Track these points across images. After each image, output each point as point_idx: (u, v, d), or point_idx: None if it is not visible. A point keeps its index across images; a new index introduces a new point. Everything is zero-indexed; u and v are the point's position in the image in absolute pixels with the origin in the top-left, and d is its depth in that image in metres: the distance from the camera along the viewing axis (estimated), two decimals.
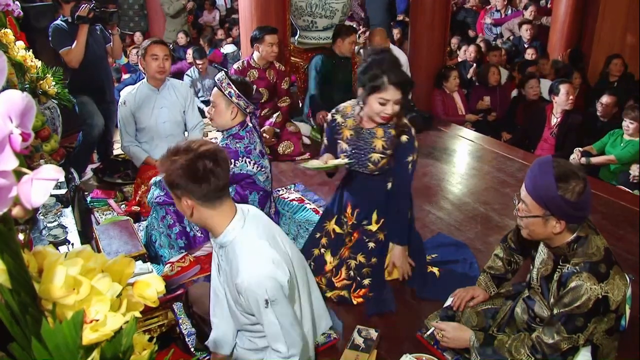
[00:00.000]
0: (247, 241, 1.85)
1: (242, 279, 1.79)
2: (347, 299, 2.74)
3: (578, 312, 1.81)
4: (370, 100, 2.49)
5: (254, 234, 1.88)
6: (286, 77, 4.84)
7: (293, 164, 4.63)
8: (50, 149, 2.81)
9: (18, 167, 0.60)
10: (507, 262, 2.38)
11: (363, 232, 2.78)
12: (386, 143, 2.61)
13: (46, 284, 0.75)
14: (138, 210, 3.61)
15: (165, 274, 2.81)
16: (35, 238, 2.27)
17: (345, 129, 2.69)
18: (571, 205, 1.80)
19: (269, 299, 1.79)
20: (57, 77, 3.05)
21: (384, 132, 2.62)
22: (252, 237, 1.87)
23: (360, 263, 2.75)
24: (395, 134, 2.61)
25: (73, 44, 3.90)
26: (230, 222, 1.86)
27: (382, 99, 2.45)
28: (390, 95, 2.44)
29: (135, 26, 8.94)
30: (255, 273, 1.79)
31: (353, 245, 2.79)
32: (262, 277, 1.78)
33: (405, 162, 2.64)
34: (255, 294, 1.79)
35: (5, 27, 2.76)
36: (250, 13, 5.01)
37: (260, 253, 1.84)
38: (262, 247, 1.85)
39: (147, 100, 3.64)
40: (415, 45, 5.98)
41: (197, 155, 1.76)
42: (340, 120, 2.71)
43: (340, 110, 2.74)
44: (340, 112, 2.73)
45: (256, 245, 1.85)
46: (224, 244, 1.89)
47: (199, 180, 1.75)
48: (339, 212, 2.86)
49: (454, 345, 2.22)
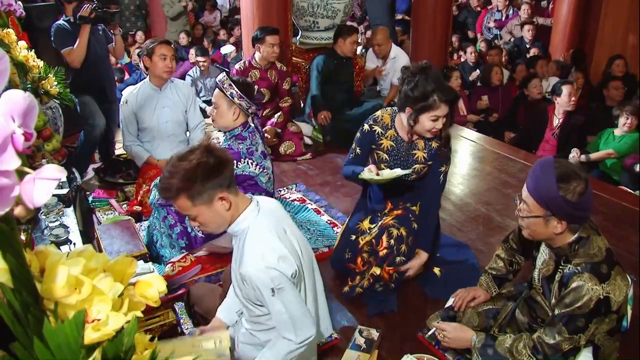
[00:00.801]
0: (257, 231, 1.87)
1: (246, 269, 1.81)
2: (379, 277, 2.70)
3: (579, 313, 1.81)
4: (421, 119, 2.49)
5: (265, 225, 1.89)
6: (288, 77, 4.84)
7: (294, 164, 4.63)
8: (52, 149, 2.82)
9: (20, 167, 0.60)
10: (509, 263, 2.38)
11: (407, 209, 2.78)
12: (427, 154, 2.65)
13: (48, 284, 0.76)
14: (140, 210, 3.61)
15: (167, 274, 2.81)
16: (36, 238, 2.28)
17: (385, 140, 2.68)
18: (572, 206, 1.80)
19: (275, 288, 1.80)
20: (59, 77, 3.06)
21: (424, 144, 2.64)
22: (263, 228, 1.88)
23: (400, 235, 2.70)
24: (437, 145, 2.64)
25: (75, 44, 3.90)
26: (244, 211, 1.89)
27: (435, 116, 2.47)
28: (442, 111, 2.47)
29: (132, 26, 8.93)
30: (259, 264, 1.80)
31: (397, 217, 2.75)
32: (265, 268, 1.79)
33: (439, 171, 2.69)
34: (259, 284, 1.80)
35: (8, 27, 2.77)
36: (252, 13, 5.01)
37: (267, 245, 1.84)
38: (270, 239, 1.86)
39: (149, 99, 3.64)
40: (417, 45, 5.99)
41: (202, 152, 1.79)
42: (380, 131, 2.68)
43: (379, 121, 2.70)
44: (378, 124, 2.70)
45: (265, 237, 1.86)
46: (236, 233, 1.91)
47: (220, 169, 1.79)
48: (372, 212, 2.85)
49: (455, 345, 2.22)
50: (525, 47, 7.44)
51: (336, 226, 3.50)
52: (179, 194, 1.77)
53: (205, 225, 1.88)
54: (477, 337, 2.11)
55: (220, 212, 1.84)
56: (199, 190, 1.76)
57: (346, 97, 5.21)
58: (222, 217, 1.85)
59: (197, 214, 1.82)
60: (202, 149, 1.81)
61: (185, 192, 1.76)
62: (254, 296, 1.89)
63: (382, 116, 2.71)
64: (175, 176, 1.76)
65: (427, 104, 2.44)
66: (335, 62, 5.03)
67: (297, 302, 1.88)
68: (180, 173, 1.76)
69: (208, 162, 1.77)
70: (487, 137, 5.25)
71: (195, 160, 1.77)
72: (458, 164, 4.71)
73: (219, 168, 1.80)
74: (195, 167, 1.75)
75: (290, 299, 1.84)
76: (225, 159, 1.85)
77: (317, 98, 4.93)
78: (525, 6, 8.13)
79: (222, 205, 1.82)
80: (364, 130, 2.72)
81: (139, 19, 9.16)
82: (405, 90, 2.49)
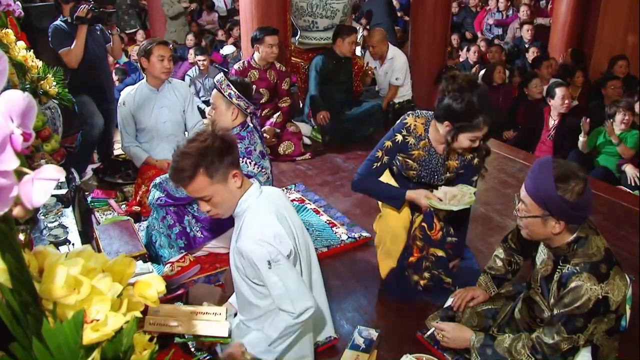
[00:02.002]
0: (257, 211, 1.93)
1: (243, 243, 1.87)
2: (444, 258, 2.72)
3: (578, 313, 1.81)
4: (460, 137, 2.39)
5: (264, 207, 1.95)
6: (287, 77, 4.84)
7: (293, 164, 4.63)
8: (50, 149, 2.81)
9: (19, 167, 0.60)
10: (508, 263, 2.38)
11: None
12: (460, 164, 2.62)
13: (47, 284, 0.75)
14: (138, 211, 3.61)
15: (166, 274, 2.81)
16: (35, 238, 2.27)
17: (417, 150, 2.59)
18: (570, 206, 1.80)
19: (271, 260, 1.85)
20: (57, 77, 3.06)
21: (457, 156, 2.60)
22: (263, 209, 1.94)
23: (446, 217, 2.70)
24: (470, 157, 2.61)
25: (72, 44, 3.90)
26: (247, 191, 1.95)
27: (475, 137, 2.39)
28: (482, 132, 2.39)
29: (125, 24, 8.90)
30: (257, 238, 1.85)
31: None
32: (262, 242, 1.85)
33: (471, 180, 2.66)
34: (255, 258, 1.85)
35: (6, 27, 2.77)
36: (251, 13, 5.01)
37: (264, 222, 1.90)
38: (268, 219, 1.92)
39: (147, 100, 3.64)
40: (416, 45, 5.98)
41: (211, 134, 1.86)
42: (413, 142, 2.58)
43: (412, 131, 2.57)
44: (412, 134, 2.57)
45: (263, 216, 1.92)
46: (238, 213, 1.96)
47: (231, 148, 1.88)
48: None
49: (454, 345, 2.22)
50: (524, 46, 7.45)
51: (335, 226, 3.50)
52: (197, 172, 1.81)
53: (219, 206, 1.91)
54: (476, 337, 2.11)
55: (234, 191, 1.91)
56: (216, 167, 1.82)
57: (345, 97, 5.21)
58: (234, 196, 1.92)
59: (213, 193, 1.86)
60: (208, 132, 1.89)
61: (202, 168, 1.81)
62: (251, 274, 1.93)
63: (415, 125, 2.57)
64: (189, 157, 1.81)
65: (470, 124, 2.34)
66: (334, 62, 5.03)
67: (293, 276, 1.92)
68: (194, 152, 1.81)
69: (219, 143, 1.84)
70: None
71: (208, 140, 1.84)
72: None
73: (229, 147, 1.87)
74: (210, 145, 1.82)
75: (286, 271, 1.89)
76: (233, 139, 1.94)
77: (316, 98, 4.93)
78: (524, 7, 8.14)
79: (235, 183, 1.89)
80: (396, 140, 2.57)
81: (132, 17, 9.14)
82: (448, 104, 2.35)
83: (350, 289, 2.91)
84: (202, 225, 2.97)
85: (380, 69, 5.70)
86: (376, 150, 2.62)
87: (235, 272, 2.05)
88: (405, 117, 2.62)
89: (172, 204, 2.95)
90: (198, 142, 1.84)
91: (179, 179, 1.86)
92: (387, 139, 2.61)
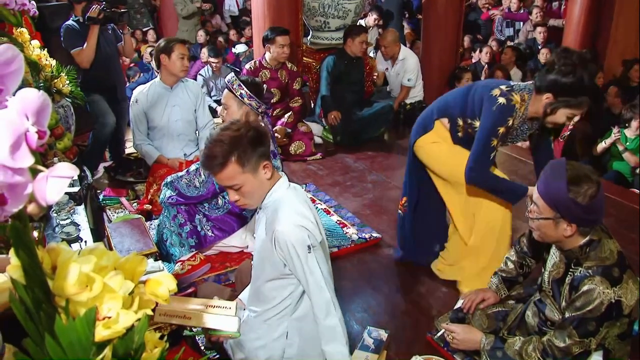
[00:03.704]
0: (289, 200, 1.94)
1: (283, 226, 1.86)
2: None
3: (590, 316, 1.79)
4: (559, 112, 2.32)
5: (294, 198, 1.96)
6: (298, 77, 4.84)
7: (304, 164, 4.64)
8: (63, 147, 2.83)
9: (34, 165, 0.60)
10: (519, 265, 2.36)
11: None
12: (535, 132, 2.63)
13: (60, 281, 0.76)
14: (150, 209, 3.63)
15: (176, 272, 2.82)
16: (48, 235, 2.29)
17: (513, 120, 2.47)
18: (582, 209, 1.78)
19: (311, 245, 1.86)
20: (71, 76, 3.08)
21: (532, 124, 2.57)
22: (293, 199, 1.95)
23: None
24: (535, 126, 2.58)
25: (84, 44, 3.93)
26: (277, 182, 1.96)
27: (573, 114, 2.32)
28: (582, 111, 2.32)
29: (138, 23, 8.94)
30: (297, 222, 1.86)
31: None
32: (302, 227, 1.86)
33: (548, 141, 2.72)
34: (295, 242, 1.84)
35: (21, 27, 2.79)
36: (263, 13, 5.02)
37: (300, 211, 1.92)
38: (303, 209, 1.94)
39: (159, 98, 3.66)
40: (428, 45, 5.97)
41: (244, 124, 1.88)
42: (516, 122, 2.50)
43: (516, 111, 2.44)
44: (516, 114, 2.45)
45: (297, 205, 1.94)
46: (267, 204, 1.96)
47: (264, 139, 1.88)
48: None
49: (464, 347, 2.22)
50: (537, 47, 7.40)
51: (346, 226, 3.50)
52: (228, 159, 1.81)
53: (248, 196, 1.91)
54: (486, 339, 2.10)
55: (264, 181, 1.91)
56: (248, 156, 1.83)
57: (356, 97, 5.20)
58: (263, 186, 1.92)
59: (243, 182, 1.86)
60: (242, 122, 1.91)
61: (235, 155, 1.81)
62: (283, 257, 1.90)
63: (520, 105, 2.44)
64: (221, 144, 1.81)
65: (574, 100, 2.27)
66: (345, 62, 5.03)
67: (327, 265, 1.97)
68: (227, 140, 1.81)
69: (252, 132, 1.85)
70: None
71: (242, 129, 1.85)
72: None
73: (262, 138, 1.88)
74: (244, 135, 1.83)
75: (322, 258, 1.92)
76: (266, 131, 1.95)
77: (327, 98, 4.93)
78: (536, 10, 8.05)
79: (265, 174, 1.90)
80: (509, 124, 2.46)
81: (145, 16, 9.18)
82: (556, 78, 2.26)
83: (360, 289, 2.91)
84: (213, 224, 2.98)
85: (391, 69, 5.70)
86: (489, 139, 2.49)
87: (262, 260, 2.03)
88: (508, 96, 2.43)
89: (183, 203, 2.96)
90: (231, 130, 1.84)
91: (210, 165, 1.85)
92: (500, 125, 2.46)
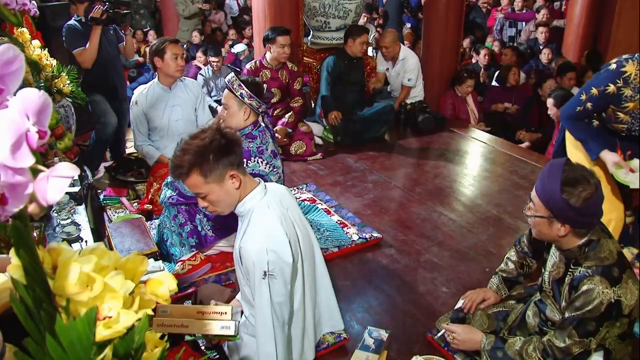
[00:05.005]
0: (261, 213, 1.91)
1: (245, 244, 1.85)
2: None
3: (590, 316, 1.79)
4: None
5: (269, 208, 1.93)
6: (299, 77, 4.84)
7: (305, 164, 4.64)
8: (64, 147, 2.84)
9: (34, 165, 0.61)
10: (519, 265, 2.36)
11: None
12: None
13: (60, 281, 0.76)
14: (150, 209, 3.63)
15: (177, 272, 2.82)
16: (48, 235, 2.30)
17: (633, 102, 2.32)
18: (575, 210, 1.78)
19: (268, 272, 1.83)
20: (71, 76, 3.08)
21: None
22: (267, 211, 1.92)
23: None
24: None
25: (86, 44, 3.93)
26: (252, 191, 1.94)
27: None
28: None
29: (136, 24, 8.95)
30: (260, 244, 1.83)
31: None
32: (265, 248, 1.82)
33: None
34: (255, 262, 1.83)
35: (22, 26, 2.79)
36: (263, 13, 5.02)
37: (269, 227, 1.88)
38: (273, 223, 1.90)
39: (159, 99, 3.66)
40: (429, 46, 5.97)
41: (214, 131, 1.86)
42: (629, 94, 2.30)
43: (630, 82, 2.28)
44: (629, 85, 2.28)
45: (268, 219, 1.90)
46: (242, 212, 1.95)
47: (232, 147, 1.85)
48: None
49: (464, 347, 2.22)
50: (538, 48, 7.40)
51: (346, 226, 3.50)
52: (192, 170, 1.81)
53: (215, 204, 1.91)
54: (487, 340, 2.10)
55: (231, 191, 1.88)
56: (211, 166, 1.81)
57: (357, 97, 5.21)
58: (231, 195, 1.90)
59: (208, 191, 1.85)
60: (213, 129, 1.87)
61: (197, 167, 1.80)
62: (246, 272, 1.91)
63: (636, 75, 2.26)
64: (188, 152, 1.81)
65: None
66: (346, 62, 5.03)
67: (285, 300, 1.90)
68: (193, 149, 1.81)
69: (220, 141, 1.83)
70: (498, 139, 5.22)
71: (208, 138, 1.83)
72: (469, 165, 4.69)
73: (231, 146, 1.86)
74: (209, 144, 1.81)
75: (278, 290, 1.87)
76: (236, 139, 1.91)
77: (327, 98, 4.93)
78: (544, 10, 8.04)
79: (233, 184, 1.87)
80: (608, 91, 2.30)
81: (144, 17, 9.19)
82: None
83: (361, 289, 2.91)
84: (213, 224, 2.98)
85: (392, 69, 5.69)
86: (580, 93, 2.40)
87: (238, 270, 2.05)
88: (622, 62, 2.31)
89: (184, 203, 2.96)
90: (199, 139, 1.84)
91: (176, 174, 1.88)
92: (596, 86, 2.35)
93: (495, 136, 5.30)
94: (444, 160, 4.71)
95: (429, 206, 3.83)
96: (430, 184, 4.21)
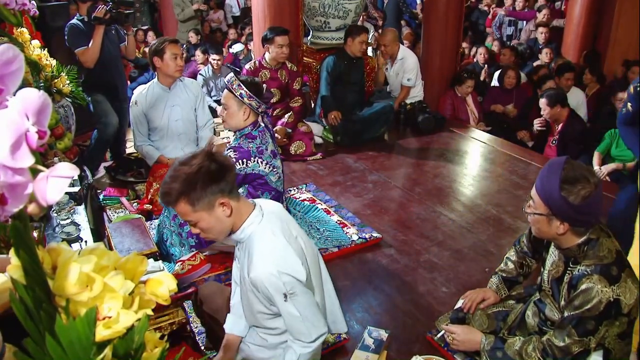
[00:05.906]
0: (264, 236, 1.86)
1: (257, 274, 1.79)
2: None
3: (589, 315, 1.79)
4: None
5: (270, 229, 1.88)
6: (298, 77, 4.84)
7: (305, 164, 4.64)
8: (64, 147, 2.84)
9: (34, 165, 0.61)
10: (519, 265, 2.36)
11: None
12: None
13: (60, 281, 0.76)
14: (150, 209, 3.63)
15: (176, 272, 2.82)
16: (48, 235, 2.29)
17: None
18: (573, 209, 1.78)
19: (287, 293, 1.79)
20: (71, 76, 3.08)
21: None
22: (269, 233, 1.87)
23: None
24: None
25: (89, 43, 3.93)
26: (248, 217, 1.88)
27: None
28: None
29: (137, 21, 8.94)
30: (271, 269, 1.78)
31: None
32: (278, 273, 1.78)
33: None
34: (272, 289, 1.79)
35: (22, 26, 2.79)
36: (263, 13, 5.02)
37: (276, 249, 1.84)
38: (279, 244, 1.85)
39: (159, 99, 3.66)
40: (429, 46, 5.97)
41: (204, 157, 1.78)
42: None
43: None
44: None
45: (274, 242, 1.85)
46: (242, 239, 1.90)
47: (222, 174, 1.78)
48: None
49: (464, 347, 2.22)
50: (538, 47, 7.40)
51: (346, 226, 3.50)
52: (179, 199, 1.75)
53: (206, 232, 1.85)
54: (486, 340, 2.10)
55: (221, 219, 1.82)
56: (199, 195, 1.75)
57: (357, 97, 5.21)
58: (223, 223, 1.84)
59: (197, 219, 1.80)
60: (203, 154, 1.80)
61: (185, 196, 1.74)
62: (264, 298, 1.87)
63: None
64: (177, 180, 1.75)
65: None
66: (345, 62, 5.03)
67: (310, 304, 1.87)
68: (182, 177, 1.74)
69: (209, 167, 1.76)
70: (498, 139, 5.23)
71: (197, 165, 1.76)
72: (468, 165, 4.69)
73: (221, 173, 1.79)
74: (197, 172, 1.74)
75: (302, 302, 1.83)
76: (227, 165, 1.84)
77: (327, 98, 4.94)
78: (546, 10, 8.04)
79: (223, 212, 1.81)
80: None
81: (144, 15, 9.19)
82: None
83: (361, 289, 2.91)
84: None
85: (391, 69, 5.69)
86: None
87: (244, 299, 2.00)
88: None
89: None
90: (188, 166, 1.77)
91: (165, 201, 1.82)
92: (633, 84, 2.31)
93: (495, 136, 5.30)
94: (444, 160, 4.71)
95: (428, 206, 3.83)
96: (430, 184, 4.22)
